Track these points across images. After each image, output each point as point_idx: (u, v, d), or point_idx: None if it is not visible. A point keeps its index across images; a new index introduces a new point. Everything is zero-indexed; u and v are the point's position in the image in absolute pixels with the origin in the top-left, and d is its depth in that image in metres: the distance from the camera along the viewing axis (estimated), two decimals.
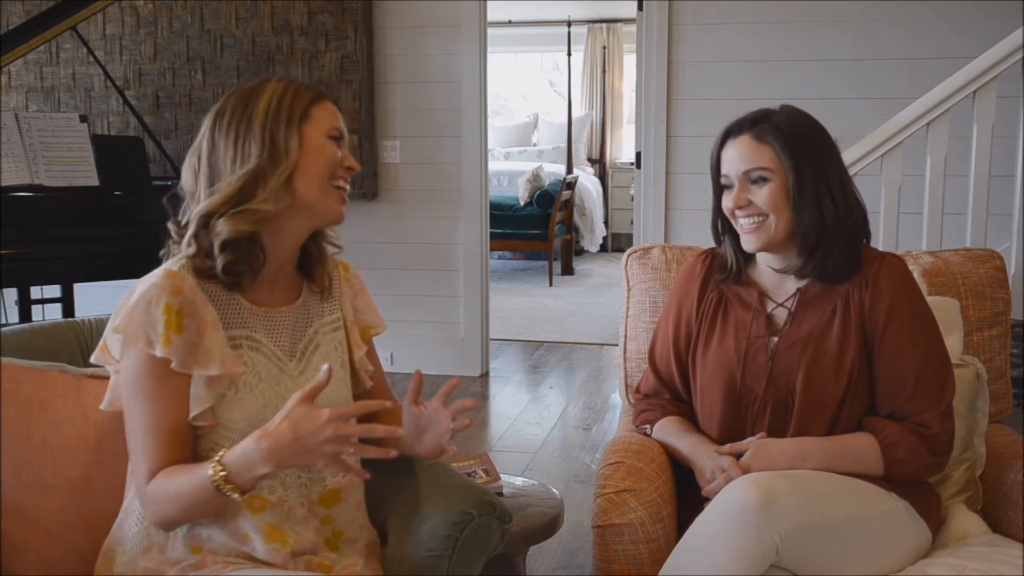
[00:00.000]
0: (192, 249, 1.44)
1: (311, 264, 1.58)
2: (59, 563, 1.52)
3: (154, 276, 1.43)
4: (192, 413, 1.42)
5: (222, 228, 1.41)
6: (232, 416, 1.44)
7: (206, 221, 1.43)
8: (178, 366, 1.39)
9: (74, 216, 3.46)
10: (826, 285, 1.75)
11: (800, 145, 1.70)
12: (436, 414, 1.50)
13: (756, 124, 1.73)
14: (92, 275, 3.59)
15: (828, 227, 1.70)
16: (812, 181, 1.69)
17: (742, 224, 1.75)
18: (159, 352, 1.38)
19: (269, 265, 1.49)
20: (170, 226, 1.50)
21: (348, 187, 1.52)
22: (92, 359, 1.52)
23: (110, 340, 1.48)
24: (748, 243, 1.76)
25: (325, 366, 1.34)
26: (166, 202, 1.55)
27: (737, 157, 1.73)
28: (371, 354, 1.68)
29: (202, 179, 1.46)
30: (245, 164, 1.42)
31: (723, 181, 1.78)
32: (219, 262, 1.43)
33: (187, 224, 1.46)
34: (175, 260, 1.46)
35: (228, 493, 1.34)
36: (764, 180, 1.71)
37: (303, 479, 1.50)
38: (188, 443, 1.43)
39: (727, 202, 1.76)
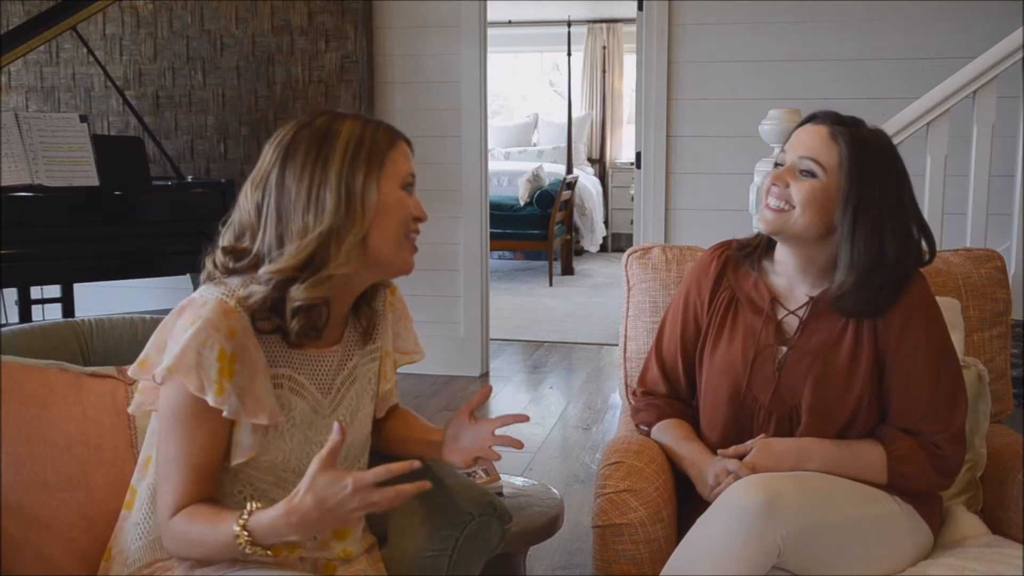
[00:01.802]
0: (257, 300, 1.36)
1: (360, 304, 1.53)
2: (59, 561, 1.52)
3: (208, 309, 1.35)
4: (236, 460, 1.39)
5: (297, 295, 1.35)
6: (259, 460, 1.42)
7: (282, 286, 1.36)
8: (229, 414, 1.34)
9: (74, 216, 3.46)
10: None
11: (874, 169, 1.64)
12: (481, 428, 1.50)
13: (841, 124, 1.68)
14: (92, 275, 3.60)
15: (887, 260, 1.65)
16: (876, 210, 1.64)
17: (768, 201, 1.70)
18: (212, 401, 1.33)
19: (331, 315, 1.44)
20: (218, 253, 1.41)
21: (419, 234, 1.46)
22: (130, 372, 1.45)
23: (154, 359, 1.39)
24: (763, 223, 1.72)
25: (336, 425, 1.30)
26: (222, 227, 1.44)
27: (804, 141, 1.69)
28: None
29: (269, 220, 1.37)
30: (319, 217, 1.34)
31: (778, 160, 1.73)
32: (292, 327, 1.37)
33: (235, 260, 1.40)
34: (227, 291, 1.37)
35: (251, 552, 1.31)
36: (812, 175, 1.66)
37: None
38: (216, 480, 1.40)
39: (770, 176, 1.71)
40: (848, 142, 1.65)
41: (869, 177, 1.64)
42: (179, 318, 1.38)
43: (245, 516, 1.31)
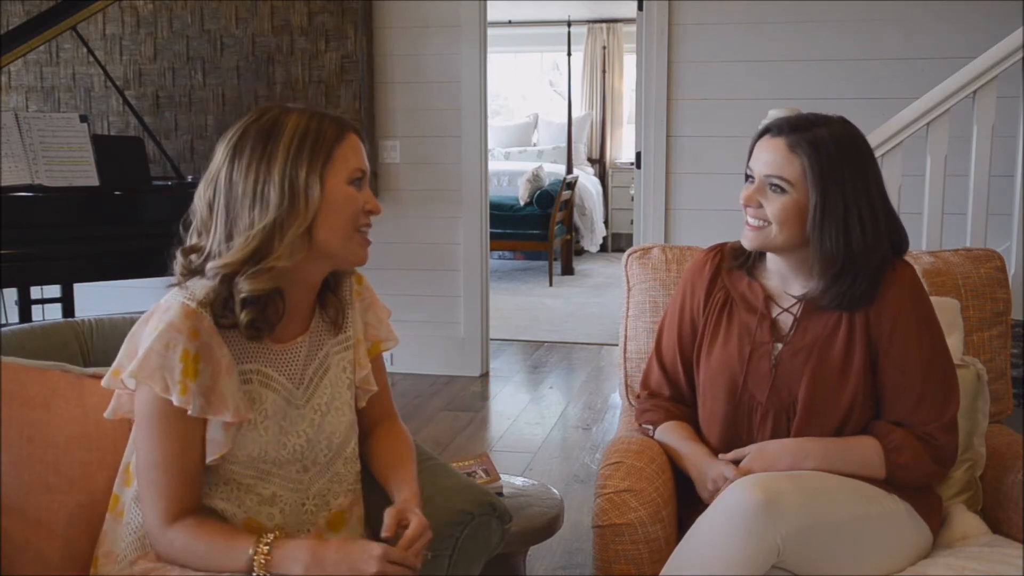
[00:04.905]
0: (210, 295, 1.39)
1: (325, 294, 1.55)
2: (60, 563, 1.52)
3: (171, 313, 1.38)
4: (210, 458, 1.41)
5: (243, 287, 1.37)
6: (235, 454, 1.43)
7: (228, 279, 1.38)
8: (194, 412, 1.37)
9: (74, 216, 3.45)
10: None
11: (834, 168, 1.64)
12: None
13: (796, 131, 1.67)
14: (92, 275, 3.59)
15: (855, 254, 1.66)
16: (841, 207, 1.64)
17: (747, 220, 1.73)
18: (176, 400, 1.35)
19: (287, 306, 1.45)
20: (178, 255, 1.44)
21: (370, 227, 1.47)
22: (104, 383, 1.47)
23: (126, 367, 1.41)
24: (745, 240, 1.74)
25: (415, 520, 1.40)
26: (181, 230, 1.47)
27: (765, 159, 1.69)
28: (378, 369, 1.64)
29: (218, 217, 1.40)
30: (263, 212, 1.36)
31: (747, 171, 1.74)
32: (242, 319, 1.39)
33: (195, 259, 1.42)
34: (189, 294, 1.39)
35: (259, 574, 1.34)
36: (781, 190, 1.67)
37: (307, 506, 1.50)
38: (200, 481, 1.42)
39: (743, 193, 1.72)
40: (807, 151, 1.65)
41: (832, 178, 1.65)
42: (146, 325, 1.41)
43: (267, 540, 1.34)
